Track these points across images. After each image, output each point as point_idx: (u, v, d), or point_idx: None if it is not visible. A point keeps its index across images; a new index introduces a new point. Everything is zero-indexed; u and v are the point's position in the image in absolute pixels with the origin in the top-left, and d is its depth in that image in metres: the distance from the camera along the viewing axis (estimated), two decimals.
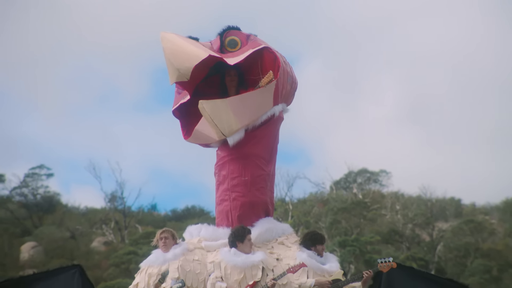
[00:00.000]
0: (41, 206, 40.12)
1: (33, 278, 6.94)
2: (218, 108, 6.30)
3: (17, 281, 6.90)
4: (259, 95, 6.65)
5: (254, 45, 6.75)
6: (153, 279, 6.08)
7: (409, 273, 6.89)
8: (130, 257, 25.94)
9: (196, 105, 6.55)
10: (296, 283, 6.00)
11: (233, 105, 6.39)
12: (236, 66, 6.73)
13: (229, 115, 6.31)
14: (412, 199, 38.84)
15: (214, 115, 6.26)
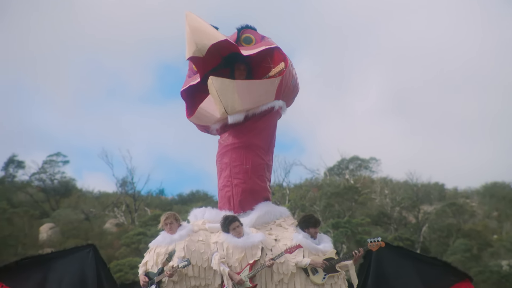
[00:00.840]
0: (58, 190, 40.21)
1: (51, 256, 6.95)
2: (225, 86, 6.25)
3: (37, 259, 6.91)
4: (265, 85, 6.66)
5: (267, 43, 6.81)
6: (161, 258, 6.09)
7: (396, 251, 6.90)
8: (140, 237, 25.98)
9: (202, 90, 6.60)
10: (293, 261, 6.01)
11: (240, 87, 6.38)
12: (246, 62, 6.72)
13: (234, 95, 6.27)
14: (399, 184, 38.96)
15: (221, 91, 6.20)
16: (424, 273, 6.63)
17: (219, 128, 6.91)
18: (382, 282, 6.55)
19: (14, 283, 6.48)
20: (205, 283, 5.98)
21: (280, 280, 5.95)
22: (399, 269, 6.60)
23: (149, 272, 6.12)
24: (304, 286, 5.96)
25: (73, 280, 6.50)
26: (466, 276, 6.74)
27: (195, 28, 6.15)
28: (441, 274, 6.69)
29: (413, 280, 6.57)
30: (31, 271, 6.61)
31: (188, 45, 6.19)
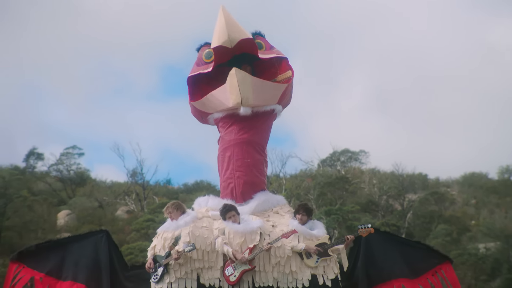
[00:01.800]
0: (74, 180, 40.32)
1: (68, 240, 6.96)
2: (246, 80, 6.22)
3: (55, 242, 6.91)
4: (274, 88, 6.68)
5: (278, 53, 6.84)
6: (168, 242, 6.08)
7: (384, 236, 6.89)
8: (148, 223, 26.00)
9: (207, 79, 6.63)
10: (289, 246, 6.00)
11: (256, 84, 6.36)
12: (251, 64, 6.69)
13: (250, 90, 6.25)
14: (386, 175, 38.98)
15: (242, 83, 6.16)
16: (409, 256, 6.62)
17: (219, 118, 6.81)
18: (370, 265, 6.53)
19: (34, 265, 6.48)
20: (208, 265, 5.98)
21: (277, 262, 5.95)
22: (386, 252, 6.59)
23: (157, 255, 6.12)
24: (299, 268, 5.96)
25: (88, 262, 6.50)
26: (447, 259, 6.73)
27: (230, 21, 6.18)
28: (424, 257, 6.68)
29: (398, 262, 6.56)
30: (50, 254, 6.61)
31: (219, 34, 6.16)
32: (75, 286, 6.40)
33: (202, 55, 6.78)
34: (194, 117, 7.26)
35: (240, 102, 6.24)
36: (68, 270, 6.48)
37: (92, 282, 6.43)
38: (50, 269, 6.48)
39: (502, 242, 28.50)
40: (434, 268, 6.57)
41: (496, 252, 28.25)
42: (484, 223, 32.25)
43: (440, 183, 44.23)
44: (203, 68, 6.71)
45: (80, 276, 6.43)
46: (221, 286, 5.89)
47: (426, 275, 6.55)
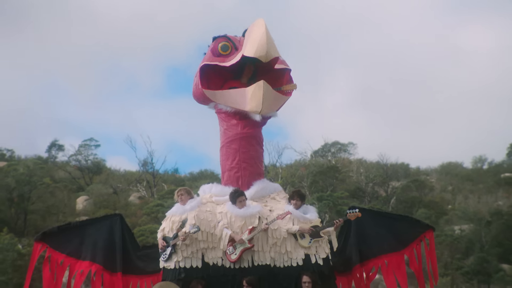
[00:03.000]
0: (91, 169, 40.36)
1: (86, 222, 6.99)
2: (269, 93, 6.17)
3: (74, 224, 6.92)
4: (281, 99, 6.66)
5: (285, 63, 6.82)
6: (176, 225, 6.08)
7: (372, 214, 6.91)
8: (158, 208, 25.99)
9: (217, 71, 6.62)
10: (284, 228, 6.00)
11: (272, 97, 6.31)
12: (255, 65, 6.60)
13: (268, 102, 6.20)
14: (372, 164, 39.07)
15: (266, 96, 6.11)
16: (396, 229, 6.64)
17: (224, 110, 6.67)
18: (362, 241, 6.55)
19: (56, 245, 6.49)
20: (212, 246, 5.98)
21: (273, 243, 5.95)
22: (375, 229, 6.60)
23: (166, 236, 6.12)
24: (294, 248, 5.97)
25: (104, 243, 6.52)
26: (429, 227, 6.76)
27: (270, 38, 6.10)
28: (410, 227, 6.70)
29: (387, 237, 6.58)
30: (70, 235, 6.62)
31: (257, 47, 6.02)
32: (93, 266, 6.42)
33: (218, 46, 6.56)
34: (194, 97, 7.04)
35: (259, 111, 6.19)
36: (86, 250, 6.50)
37: (108, 262, 6.45)
38: (70, 250, 6.51)
39: (475, 224, 28.61)
40: (419, 236, 6.59)
41: (470, 233, 28.37)
42: (459, 207, 32.41)
43: (420, 171, 44.36)
44: (219, 60, 6.54)
45: (98, 257, 6.45)
46: (224, 264, 5.91)
47: (412, 245, 6.57)
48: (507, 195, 35.34)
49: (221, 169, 6.82)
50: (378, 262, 6.54)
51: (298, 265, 5.89)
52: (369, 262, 6.56)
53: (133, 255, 6.58)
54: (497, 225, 28.18)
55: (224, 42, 6.56)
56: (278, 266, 5.89)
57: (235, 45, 6.50)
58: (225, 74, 6.76)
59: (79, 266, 6.45)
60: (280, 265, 5.90)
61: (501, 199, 34.56)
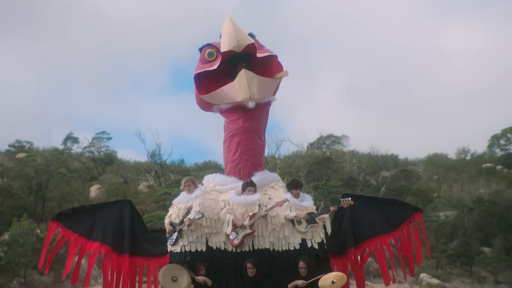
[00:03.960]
0: (103, 160, 40.38)
1: (98, 206, 6.98)
2: (253, 78, 6.15)
3: (87, 207, 6.92)
4: (272, 82, 6.58)
5: (269, 51, 6.70)
6: (182, 212, 6.08)
7: (364, 200, 6.92)
8: (165, 196, 26.00)
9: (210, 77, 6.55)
10: (282, 215, 6.00)
11: (260, 81, 6.27)
12: (247, 61, 6.57)
13: (255, 86, 6.16)
14: (364, 156, 39.03)
15: (250, 81, 6.10)
16: (387, 212, 6.64)
17: (225, 109, 6.68)
18: (355, 225, 6.54)
19: (70, 225, 6.48)
20: (215, 231, 5.98)
21: (272, 229, 5.96)
22: (367, 213, 6.59)
23: (173, 222, 6.12)
24: (291, 234, 5.97)
25: (113, 226, 6.49)
26: (417, 209, 6.76)
27: (238, 28, 6.09)
28: (399, 210, 6.70)
29: (379, 220, 6.58)
30: (83, 217, 6.59)
31: (228, 40, 6.04)
32: (103, 247, 6.41)
33: (205, 54, 6.61)
34: (199, 105, 7.09)
35: (249, 97, 6.17)
36: (97, 232, 6.48)
37: (116, 244, 6.44)
38: (82, 230, 6.49)
39: (459, 210, 28.65)
40: (408, 218, 6.59)
41: (454, 219, 28.43)
42: (444, 195, 32.47)
43: (408, 162, 44.37)
44: (208, 66, 6.58)
45: (107, 239, 6.44)
46: (226, 248, 5.91)
47: (403, 226, 6.57)
48: (488, 184, 35.47)
49: (224, 161, 6.81)
50: (371, 244, 6.55)
51: (295, 249, 5.90)
52: (363, 244, 6.57)
53: (141, 238, 6.56)
54: (478, 212, 28.25)
55: (209, 49, 6.59)
56: (276, 250, 5.90)
57: (219, 50, 6.48)
58: (220, 78, 6.71)
59: (90, 246, 6.44)
60: (278, 249, 5.90)
61: (482, 188, 34.67)
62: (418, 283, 21.95)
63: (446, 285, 22.24)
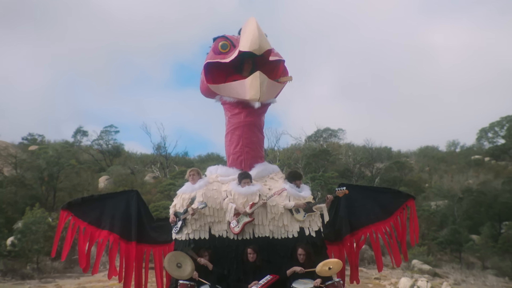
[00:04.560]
0: (111, 152, 40.48)
1: (106, 196, 6.99)
2: (264, 81, 6.11)
3: (96, 197, 6.95)
4: (277, 87, 6.54)
5: (279, 55, 6.67)
6: (186, 201, 6.08)
7: (359, 189, 6.89)
8: (170, 187, 26.00)
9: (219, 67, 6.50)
10: (282, 204, 5.99)
11: (269, 85, 6.23)
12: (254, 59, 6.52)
13: (265, 90, 6.13)
14: (359, 148, 39.04)
15: (262, 85, 6.06)
16: (381, 200, 6.63)
17: (228, 102, 6.58)
18: (351, 213, 6.54)
19: (80, 214, 6.46)
20: (217, 220, 5.98)
21: (272, 218, 5.95)
22: (362, 201, 6.58)
23: (177, 212, 6.11)
24: (290, 222, 5.97)
25: (121, 215, 6.48)
26: (410, 196, 6.74)
27: (261, 33, 6.02)
28: (393, 198, 6.68)
29: (373, 208, 6.56)
30: (92, 206, 6.58)
31: (250, 41, 5.95)
32: (111, 235, 6.41)
33: (218, 45, 6.48)
34: (202, 92, 6.96)
35: (258, 98, 6.13)
36: (106, 221, 6.47)
37: (124, 232, 6.44)
38: (91, 219, 6.47)
39: (449, 200, 28.73)
40: (401, 205, 6.57)
41: (444, 208, 28.50)
42: (435, 185, 32.49)
43: (401, 154, 44.40)
44: (220, 57, 6.47)
45: (115, 227, 6.44)
46: (228, 236, 5.91)
47: (396, 213, 6.55)
48: (476, 175, 35.50)
49: (226, 153, 6.78)
50: (367, 231, 6.55)
51: (293, 236, 5.90)
52: (359, 231, 6.57)
53: (147, 226, 6.55)
54: (467, 201, 28.32)
55: (223, 41, 6.48)
56: (276, 238, 5.90)
57: (233, 43, 6.41)
58: (227, 70, 6.68)
59: (99, 234, 6.44)
60: (278, 237, 5.90)
61: (471, 178, 34.69)
62: (410, 269, 22.00)
63: (436, 270, 22.30)
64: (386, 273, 21.04)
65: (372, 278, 19.95)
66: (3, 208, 24.91)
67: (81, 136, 42.44)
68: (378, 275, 20.32)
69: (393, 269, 21.78)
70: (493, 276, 22.54)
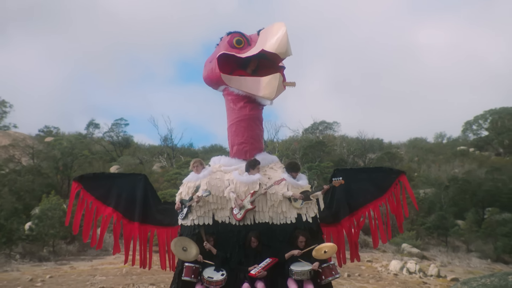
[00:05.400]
0: (121, 143, 40.53)
1: (115, 175, 7.03)
2: (280, 84, 6.10)
3: (107, 174, 7.03)
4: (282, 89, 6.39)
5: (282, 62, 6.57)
6: (191, 189, 6.06)
7: (353, 172, 6.91)
8: (176, 176, 26.04)
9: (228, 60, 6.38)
10: (280, 193, 5.99)
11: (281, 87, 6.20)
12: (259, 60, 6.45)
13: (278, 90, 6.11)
14: (352, 140, 39.05)
15: (279, 86, 6.06)
16: (375, 179, 6.59)
17: (235, 94, 6.46)
18: (349, 196, 6.51)
19: (88, 187, 6.41)
20: (221, 207, 5.98)
21: (272, 205, 5.94)
22: (358, 182, 6.54)
23: (183, 199, 6.10)
24: (288, 209, 5.96)
25: (127, 195, 6.43)
26: (401, 172, 6.71)
27: (288, 40, 5.93)
28: (386, 175, 6.65)
29: (369, 186, 6.53)
30: (101, 182, 6.53)
31: (278, 45, 5.86)
32: (115, 213, 6.38)
33: (233, 40, 6.32)
34: (208, 79, 6.73)
35: (272, 98, 6.13)
36: (112, 198, 6.42)
37: (127, 212, 6.40)
38: (99, 194, 6.41)
39: (436, 188, 28.77)
40: (394, 181, 6.52)
41: (432, 195, 28.54)
42: (423, 174, 32.50)
43: (392, 145, 44.39)
44: (236, 52, 6.33)
45: (120, 206, 6.40)
46: (230, 222, 5.92)
47: (391, 189, 6.51)
48: (462, 164, 35.50)
49: (230, 144, 6.67)
50: (365, 211, 6.52)
51: (291, 222, 5.89)
52: (358, 211, 6.54)
53: (153, 208, 6.49)
54: (453, 189, 28.36)
55: (238, 37, 6.33)
56: (275, 224, 5.90)
57: (249, 41, 6.31)
58: (234, 64, 6.58)
59: (103, 210, 6.39)
60: (277, 223, 5.90)
61: (457, 167, 34.71)
62: (400, 252, 22.09)
63: (424, 253, 22.39)
64: (378, 256, 21.12)
65: (365, 260, 20.03)
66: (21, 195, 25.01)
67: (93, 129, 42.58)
68: (370, 258, 20.40)
69: (384, 252, 21.87)
70: (476, 259, 22.65)
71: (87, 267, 18.09)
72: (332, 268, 5.57)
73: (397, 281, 16.47)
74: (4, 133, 39.80)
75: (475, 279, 5.86)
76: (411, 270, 17.89)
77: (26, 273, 16.77)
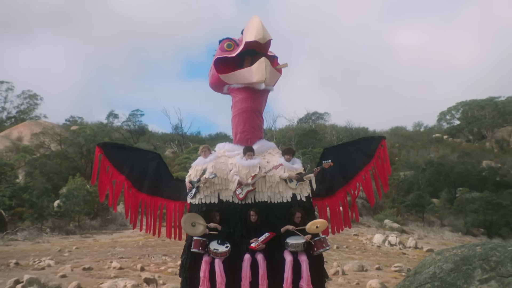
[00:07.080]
0: (138, 131, 40.54)
1: (133, 149, 6.92)
2: (268, 66, 5.92)
3: (126, 146, 6.94)
4: (276, 74, 6.31)
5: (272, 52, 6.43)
6: (199, 172, 6.01)
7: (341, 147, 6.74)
8: (186, 160, 26.08)
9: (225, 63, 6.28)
10: (278, 175, 5.95)
11: (271, 70, 6.05)
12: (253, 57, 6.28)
13: (269, 74, 5.94)
14: (341, 128, 39.01)
15: (267, 67, 5.88)
16: (361, 148, 6.48)
17: (235, 88, 6.33)
18: (341, 168, 6.33)
19: (108, 154, 6.29)
20: (225, 188, 5.94)
21: (270, 186, 5.91)
22: (348, 155, 6.41)
23: (192, 181, 6.06)
24: (284, 189, 5.92)
25: (139, 167, 6.33)
26: (382, 137, 6.62)
27: (263, 25, 5.80)
28: (370, 143, 6.51)
29: (357, 156, 6.41)
30: (120, 152, 6.43)
31: (255, 32, 5.72)
32: (126, 181, 6.29)
33: (224, 45, 6.29)
34: (212, 85, 6.69)
35: (263, 80, 5.93)
36: (126, 167, 6.32)
37: (137, 182, 6.31)
38: (116, 162, 6.31)
39: (414, 171, 28.79)
40: (378, 146, 6.43)
41: (410, 177, 28.59)
42: (403, 159, 32.50)
43: (376, 133, 44.35)
44: (227, 54, 6.27)
45: (131, 176, 6.31)
46: (233, 201, 5.89)
47: (376, 154, 6.41)
48: (437, 150, 35.51)
49: (233, 132, 6.59)
50: (359, 178, 6.39)
51: (287, 201, 5.86)
52: (352, 181, 6.39)
53: (164, 183, 6.37)
54: (429, 171, 28.39)
55: (228, 42, 6.28)
56: (273, 202, 5.86)
57: (237, 43, 6.23)
58: (231, 66, 6.46)
59: (117, 176, 6.30)
60: (274, 201, 5.87)
61: (432, 153, 34.72)
62: (382, 227, 22.19)
63: (404, 228, 22.50)
64: (363, 230, 21.22)
65: (352, 234, 20.11)
66: (50, 177, 25.05)
67: (113, 118, 42.63)
68: (357, 232, 20.48)
69: (368, 227, 21.98)
70: (449, 232, 22.77)
71: (108, 239, 18.19)
72: (323, 241, 5.57)
73: (380, 252, 16.59)
74: (36, 123, 39.77)
75: (447, 250, 5.84)
76: (392, 243, 17.99)
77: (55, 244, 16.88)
